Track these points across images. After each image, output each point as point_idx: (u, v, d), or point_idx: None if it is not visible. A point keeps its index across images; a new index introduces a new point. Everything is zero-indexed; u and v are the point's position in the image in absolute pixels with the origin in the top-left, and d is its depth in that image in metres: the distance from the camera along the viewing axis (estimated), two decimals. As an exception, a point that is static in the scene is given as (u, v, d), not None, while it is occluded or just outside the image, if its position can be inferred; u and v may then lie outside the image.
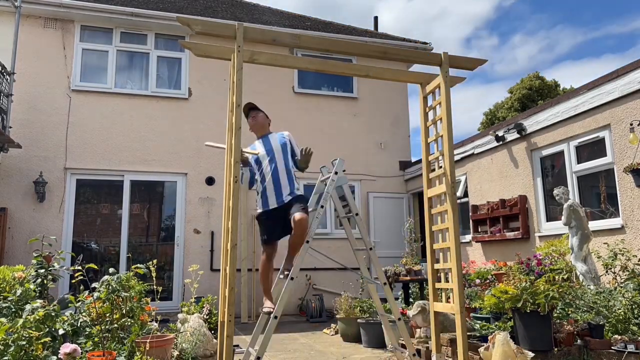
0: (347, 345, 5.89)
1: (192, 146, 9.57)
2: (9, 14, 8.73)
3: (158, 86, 9.71)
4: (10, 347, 3.01)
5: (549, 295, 4.02)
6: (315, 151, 11.36)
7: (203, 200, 9.46)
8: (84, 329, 3.83)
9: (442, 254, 4.06)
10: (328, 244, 10.01)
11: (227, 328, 3.31)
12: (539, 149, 7.40)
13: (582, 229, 5.47)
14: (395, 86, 10.78)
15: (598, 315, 4.28)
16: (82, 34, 9.47)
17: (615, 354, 3.93)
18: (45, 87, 9.01)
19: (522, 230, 7.41)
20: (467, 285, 6.36)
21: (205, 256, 9.26)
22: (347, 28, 12.02)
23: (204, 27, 3.63)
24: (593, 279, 5.26)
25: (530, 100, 22.93)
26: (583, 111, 6.55)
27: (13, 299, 3.98)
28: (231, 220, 3.36)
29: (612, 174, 6.24)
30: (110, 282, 3.86)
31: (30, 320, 3.21)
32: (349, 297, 6.45)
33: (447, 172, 3.88)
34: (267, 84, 10.16)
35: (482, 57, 15.15)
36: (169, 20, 9.43)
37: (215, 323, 5.93)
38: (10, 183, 8.51)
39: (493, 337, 3.80)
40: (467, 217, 8.77)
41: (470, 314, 5.19)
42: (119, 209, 9.19)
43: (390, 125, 11.01)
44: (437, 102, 4.15)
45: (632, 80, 5.86)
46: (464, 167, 9.05)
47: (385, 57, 4.15)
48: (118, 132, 9.23)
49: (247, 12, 11.50)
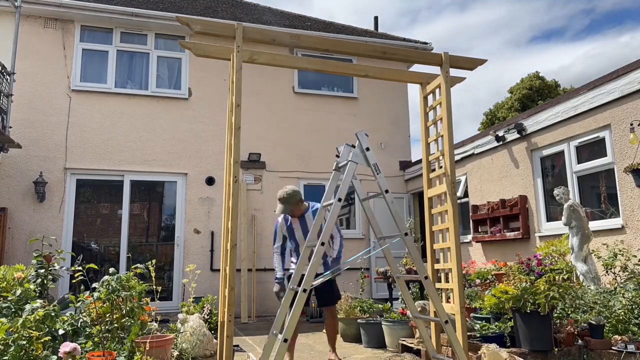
0: (347, 345, 5.88)
1: (192, 146, 9.58)
2: (9, 14, 8.73)
3: (158, 86, 9.71)
4: (11, 347, 3.01)
5: (549, 296, 4.02)
6: (316, 151, 11.37)
7: (203, 200, 9.46)
8: (84, 329, 3.83)
9: (443, 254, 4.06)
10: (328, 244, 10.02)
11: (227, 328, 3.30)
12: (539, 149, 7.40)
13: (582, 229, 5.47)
14: (395, 86, 10.78)
15: (598, 315, 4.28)
16: (82, 34, 9.47)
17: (615, 354, 3.93)
18: (45, 87, 9.02)
19: (523, 230, 7.41)
20: (467, 285, 6.36)
21: (205, 256, 9.26)
22: (347, 28, 12.02)
23: (204, 27, 3.63)
24: (593, 279, 5.26)
25: (530, 100, 22.94)
26: (583, 111, 6.55)
27: (13, 299, 3.98)
28: (231, 220, 3.36)
29: (612, 174, 6.24)
30: (110, 282, 3.86)
31: (30, 320, 3.21)
32: (349, 297, 6.44)
33: (447, 172, 3.88)
34: (267, 84, 10.17)
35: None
36: (169, 20, 9.43)
37: (215, 323, 5.92)
38: (10, 183, 8.51)
39: (482, 351, 3.81)
40: (467, 217, 8.77)
41: (470, 314, 5.19)
42: (119, 209, 9.19)
43: (391, 125, 11.01)
44: (437, 102, 4.15)
45: (632, 80, 5.86)
46: (464, 167, 9.05)
47: (385, 57, 4.16)
48: (118, 132, 9.23)
49: (247, 12, 11.50)
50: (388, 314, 5.93)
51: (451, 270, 3.81)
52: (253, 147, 9.74)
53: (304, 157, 10.18)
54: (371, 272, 9.61)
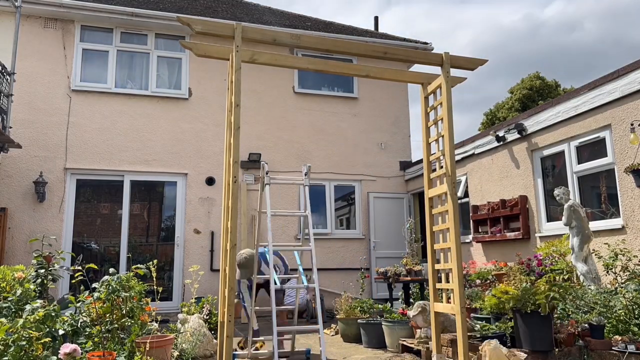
0: (347, 345, 5.88)
1: (192, 146, 9.57)
2: (9, 14, 8.73)
3: (158, 86, 9.71)
4: (11, 347, 3.00)
5: (550, 296, 4.01)
6: (316, 151, 11.36)
7: (203, 201, 9.46)
8: (84, 329, 3.82)
9: (443, 254, 4.05)
10: (328, 245, 10.02)
11: (227, 328, 3.30)
12: (540, 149, 7.39)
13: (582, 229, 5.46)
14: (395, 86, 10.78)
15: (599, 315, 4.27)
16: (82, 34, 9.47)
17: (615, 355, 3.92)
18: (45, 87, 9.01)
19: (523, 230, 7.40)
20: (468, 285, 6.35)
21: (205, 256, 9.26)
22: (347, 28, 12.02)
23: (205, 27, 3.63)
24: (594, 280, 5.25)
25: (530, 100, 22.93)
26: (584, 111, 6.54)
27: (13, 299, 3.98)
28: (231, 220, 3.36)
29: (612, 174, 6.24)
30: (110, 282, 3.85)
31: (31, 320, 3.21)
32: (349, 297, 6.44)
33: (448, 172, 3.87)
34: (268, 84, 10.17)
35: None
36: (169, 20, 9.43)
37: (215, 323, 5.92)
38: (11, 183, 8.51)
39: (483, 347, 3.80)
40: (467, 217, 8.76)
41: (470, 314, 5.18)
42: (119, 209, 9.18)
43: (391, 125, 11.01)
44: (438, 102, 4.15)
45: (632, 80, 5.85)
46: (464, 167, 9.04)
47: (386, 57, 4.15)
48: (118, 132, 9.23)
49: (248, 12, 11.50)
50: (388, 314, 5.93)
51: (451, 270, 3.81)
52: (253, 147, 9.74)
53: (304, 157, 10.17)
54: (371, 272, 9.61)
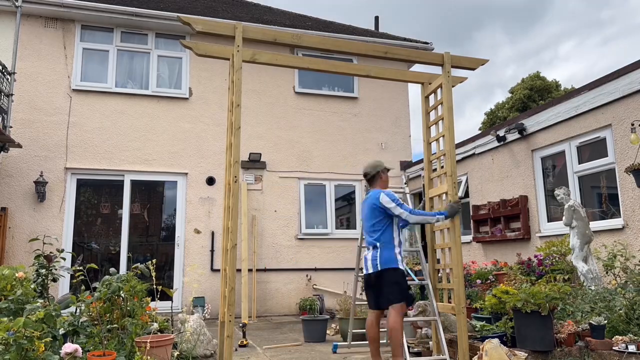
0: (347, 345, 5.87)
1: (193, 146, 9.57)
2: (10, 13, 8.73)
3: (158, 86, 9.70)
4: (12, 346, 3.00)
5: (550, 296, 4.01)
6: (316, 151, 11.36)
7: (203, 200, 9.46)
8: (84, 329, 3.82)
9: (443, 254, 4.06)
10: (329, 245, 10.02)
11: (227, 328, 3.30)
12: (540, 149, 7.39)
13: (583, 229, 5.46)
14: (395, 86, 10.78)
15: (599, 315, 4.27)
16: (83, 34, 9.47)
17: (616, 355, 3.92)
18: (45, 86, 9.01)
19: (523, 230, 7.40)
20: (468, 285, 6.35)
21: (205, 256, 9.26)
22: (348, 28, 12.01)
23: (205, 26, 3.63)
24: (594, 280, 5.25)
25: (531, 100, 22.92)
26: (584, 111, 6.54)
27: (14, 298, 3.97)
28: (231, 220, 3.36)
29: (613, 174, 6.23)
30: (111, 282, 3.86)
31: (31, 319, 3.20)
32: (349, 297, 6.43)
33: (449, 171, 3.87)
34: (268, 84, 10.17)
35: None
36: (169, 19, 9.42)
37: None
38: (11, 183, 8.51)
39: (484, 346, 3.80)
40: (467, 217, 8.76)
41: (471, 314, 5.18)
42: (119, 209, 9.18)
43: (391, 125, 11.01)
44: (438, 102, 4.15)
45: (633, 80, 5.85)
46: (464, 167, 9.04)
47: (386, 57, 4.15)
48: (118, 132, 9.23)
49: (248, 12, 11.50)
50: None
51: (452, 270, 3.81)
52: (253, 147, 9.74)
53: (304, 157, 10.18)
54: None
